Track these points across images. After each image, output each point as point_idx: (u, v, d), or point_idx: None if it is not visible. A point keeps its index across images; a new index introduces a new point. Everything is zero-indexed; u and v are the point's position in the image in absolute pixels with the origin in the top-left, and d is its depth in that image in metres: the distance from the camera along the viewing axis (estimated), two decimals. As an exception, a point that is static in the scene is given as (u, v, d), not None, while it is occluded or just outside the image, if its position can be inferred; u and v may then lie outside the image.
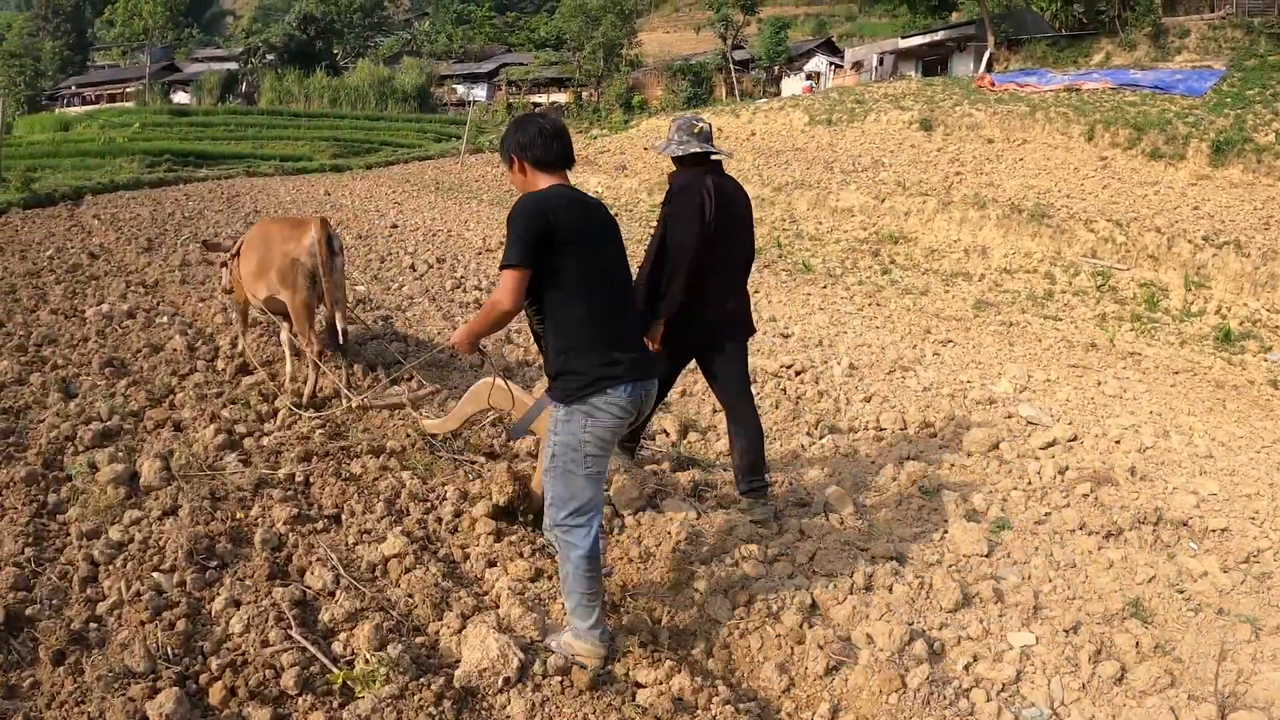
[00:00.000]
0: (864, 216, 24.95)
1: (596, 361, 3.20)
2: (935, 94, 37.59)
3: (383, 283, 10.91)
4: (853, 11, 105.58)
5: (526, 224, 3.11)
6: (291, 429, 5.46)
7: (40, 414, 5.45)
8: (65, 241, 13.49)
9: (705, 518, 4.90)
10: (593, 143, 41.17)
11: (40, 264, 11.12)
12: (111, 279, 10.20)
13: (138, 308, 8.51)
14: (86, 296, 9.11)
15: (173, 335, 7.42)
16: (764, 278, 17.71)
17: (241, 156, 34.16)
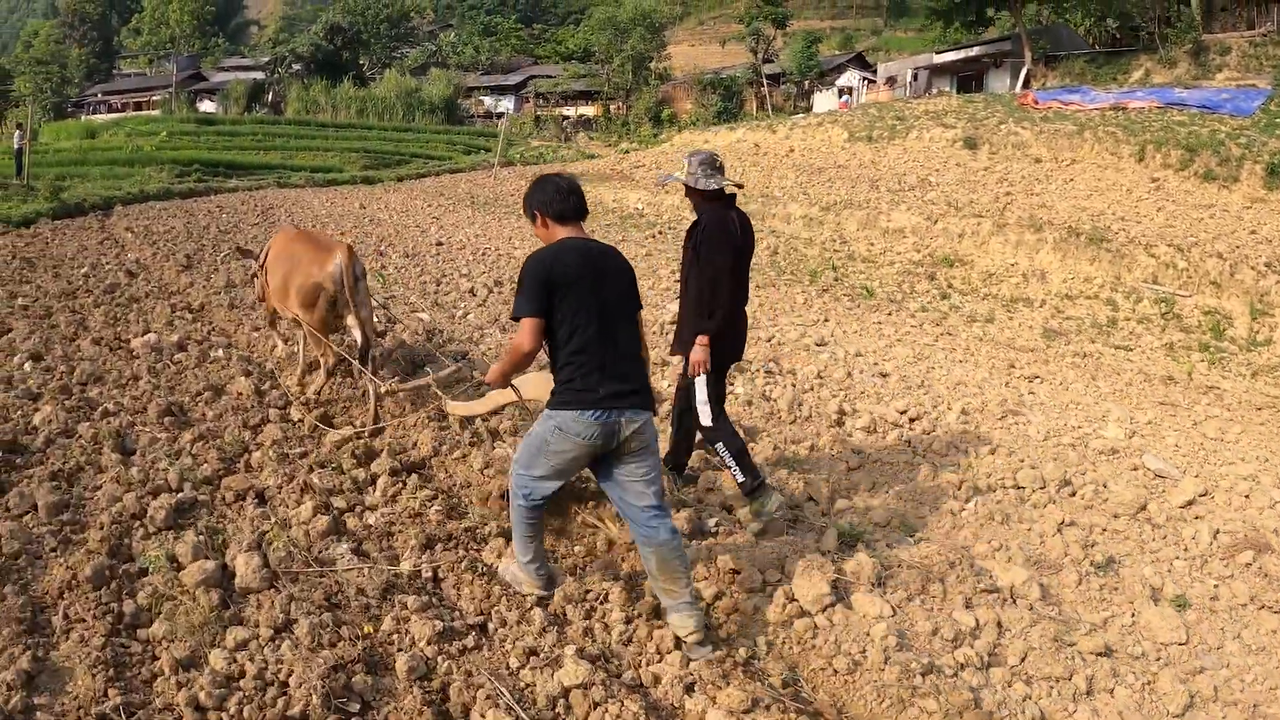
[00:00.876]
0: (916, 238, 24.16)
1: (577, 387, 3.59)
2: (977, 111, 36.72)
3: (444, 309, 10.09)
4: (878, 25, 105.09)
5: (531, 279, 3.57)
6: (398, 501, 4.59)
7: (95, 478, 4.64)
8: (99, 256, 12.75)
9: (902, 614, 4.15)
10: (625, 157, 40.42)
11: (75, 282, 10.35)
12: (154, 301, 9.41)
13: (188, 338, 7.71)
14: (129, 323, 8.32)
15: (234, 375, 6.61)
16: (826, 303, 16.95)
17: (271, 167, 33.57)
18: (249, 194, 25.50)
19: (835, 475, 6.33)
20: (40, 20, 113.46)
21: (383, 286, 11.32)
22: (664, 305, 12.03)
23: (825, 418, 7.56)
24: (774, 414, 7.62)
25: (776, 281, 18.74)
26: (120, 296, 9.50)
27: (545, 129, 55.83)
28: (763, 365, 9.34)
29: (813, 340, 11.71)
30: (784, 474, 6.08)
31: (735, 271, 4.88)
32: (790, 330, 12.50)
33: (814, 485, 5.85)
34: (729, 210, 4.98)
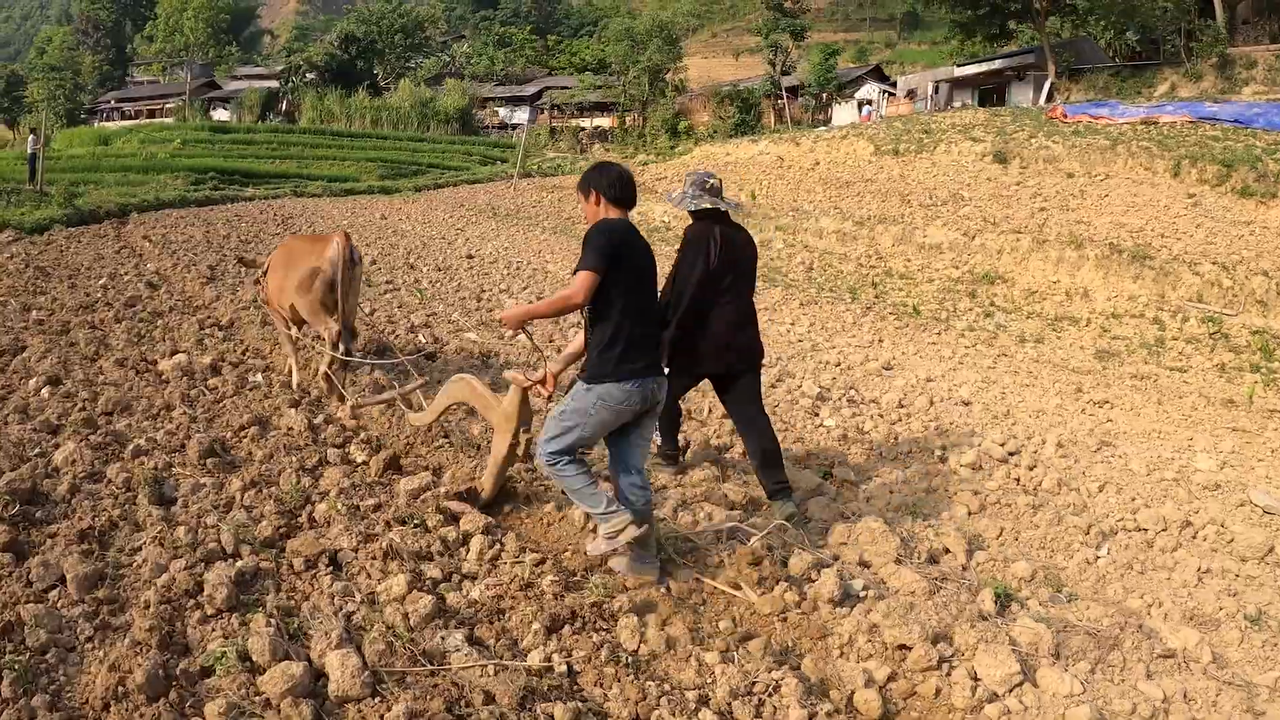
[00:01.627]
0: (954, 254, 23.55)
1: (619, 359, 3.87)
2: (1005, 124, 36.04)
3: (492, 329, 9.33)
4: (891, 38, 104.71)
5: (606, 240, 3.81)
6: (499, 566, 3.83)
7: (132, 537, 3.84)
8: (117, 266, 12.06)
9: (1092, 689, 3.68)
10: (645, 169, 39.73)
11: (94, 294, 9.66)
12: (179, 317, 8.70)
13: (221, 360, 6.98)
14: (155, 341, 7.61)
15: (279, 405, 5.89)
16: (874, 321, 16.30)
17: (287, 176, 32.97)
18: (266, 203, 24.85)
19: (958, 519, 5.82)
20: (54, 27, 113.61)
21: (421, 302, 10.59)
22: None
23: (928, 453, 7.06)
24: (874, 450, 7.09)
25: (818, 298, 18.06)
26: (142, 311, 8.78)
27: (560, 140, 55.27)
28: (844, 393, 8.69)
29: (879, 364, 11.16)
30: (911, 523, 5.53)
31: (710, 285, 5.04)
32: (852, 353, 11.91)
33: (945, 534, 5.34)
34: (715, 226, 5.15)
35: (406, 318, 9.46)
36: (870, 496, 6.05)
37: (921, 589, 4.35)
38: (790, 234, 23.96)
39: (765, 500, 5.27)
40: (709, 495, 5.31)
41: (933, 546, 5.09)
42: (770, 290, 17.84)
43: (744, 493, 5.46)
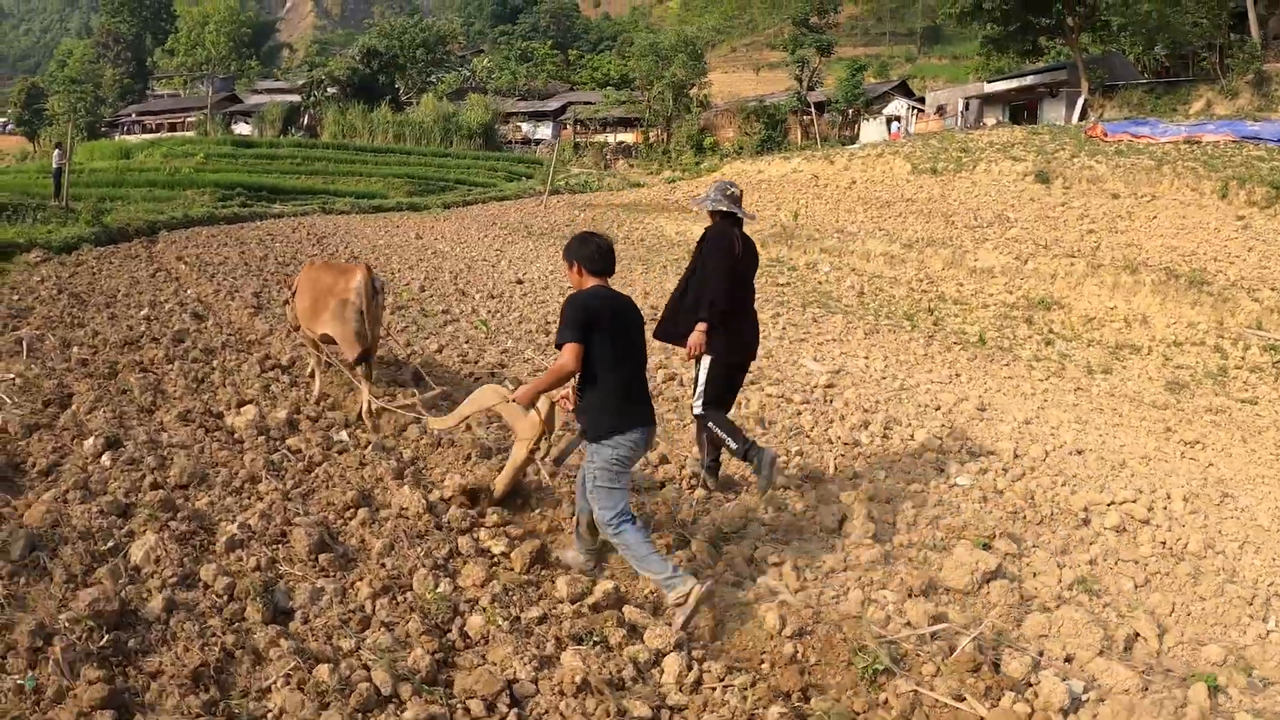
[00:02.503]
0: (1006, 279, 22.90)
1: (621, 411, 4.30)
2: (1045, 143, 35.32)
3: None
4: (912, 53, 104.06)
5: (578, 313, 4.24)
6: (700, 688, 3.06)
7: (259, 675, 3.04)
8: (155, 293, 11.33)
9: None
10: (674, 187, 39.01)
11: (137, 327, 8.91)
12: (234, 355, 7.95)
13: (296, 412, 6.23)
14: (215, 388, 6.85)
15: (381, 475, 5.13)
16: (940, 351, 15.60)
17: (314, 192, 32.37)
18: (296, 220, 24.20)
19: (1127, 594, 5.46)
20: (74, 40, 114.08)
21: (487, 336, 9.81)
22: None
23: (1070, 516, 6.60)
24: (1018, 513, 6.53)
25: (878, 326, 17.26)
26: (193, 348, 8.02)
27: (584, 156, 54.69)
28: (959, 444, 8.00)
29: (972, 405, 10.53)
30: (1089, 601, 5.08)
31: (733, 277, 5.51)
32: (940, 391, 11.20)
33: (1132, 616, 4.98)
34: (734, 228, 5.60)
35: (479, 356, 8.68)
36: (1039, 572, 5.46)
37: (1134, 685, 4.08)
38: (836, 256, 23.18)
39: None
40: (886, 581, 4.61)
41: (1127, 633, 4.72)
42: (830, 317, 17.08)
43: (924, 575, 4.77)
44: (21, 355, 7.31)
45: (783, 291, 19.57)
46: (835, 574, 4.89)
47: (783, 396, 8.99)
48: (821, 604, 4.44)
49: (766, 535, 5.33)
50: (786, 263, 22.44)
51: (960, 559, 4.99)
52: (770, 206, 29.95)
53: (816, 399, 9.24)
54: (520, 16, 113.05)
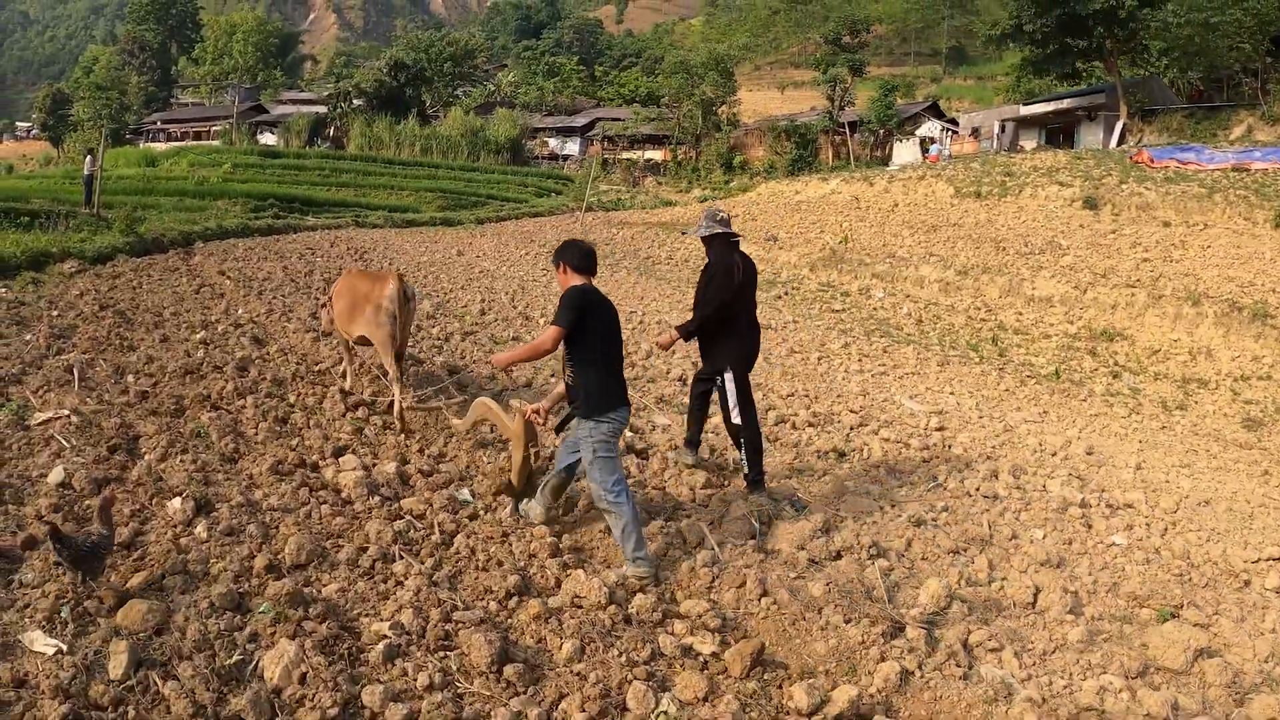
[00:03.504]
0: (1065, 308, 22.23)
1: (605, 393, 4.82)
2: (1090, 169, 34.52)
3: (674, 405, 7.78)
4: (937, 73, 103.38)
5: (573, 303, 4.77)
6: None
7: None
8: (204, 311, 10.61)
9: None
10: (708, 206, 38.29)
11: (194, 352, 8.16)
12: (310, 388, 7.25)
13: (404, 463, 5.46)
14: (300, 429, 6.10)
15: (535, 550, 4.36)
16: (1017, 385, 15.00)
17: (346, 204, 31.77)
18: (333, 234, 23.55)
19: None
20: (100, 46, 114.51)
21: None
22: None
23: (1231, 577, 6.20)
24: (1182, 576, 6.08)
25: (947, 357, 16.46)
26: (262, 379, 7.26)
27: (612, 173, 54.06)
28: (1095, 496, 7.61)
29: (1081, 450, 10.19)
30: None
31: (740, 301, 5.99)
32: (1043, 433, 10.62)
33: None
34: (733, 253, 6.06)
35: None
36: (1230, 644, 4.92)
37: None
38: (889, 282, 22.39)
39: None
40: (1105, 664, 3.87)
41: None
42: (900, 348, 16.31)
43: (1138, 654, 4.03)
44: (73, 386, 6.57)
45: (840, 318, 18.81)
46: (1050, 656, 4.48)
47: (901, 442, 8.34)
48: (1055, 694, 4.06)
49: (968, 613, 4.60)
50: (838, 288, 21.68)
51: (1170, 636, 4.70)
52: (813, 229, 29.16)
53: (935, 444, 8.56)
54: (544, 32, 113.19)
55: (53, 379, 6.65)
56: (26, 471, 4.79)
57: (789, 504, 5.91)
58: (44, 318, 9.69)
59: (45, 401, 6.10)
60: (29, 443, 5.24)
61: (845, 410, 9.45)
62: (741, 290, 6.01)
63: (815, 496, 6.33)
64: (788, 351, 13.31)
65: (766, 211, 33.33)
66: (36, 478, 4.69)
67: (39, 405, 6.01)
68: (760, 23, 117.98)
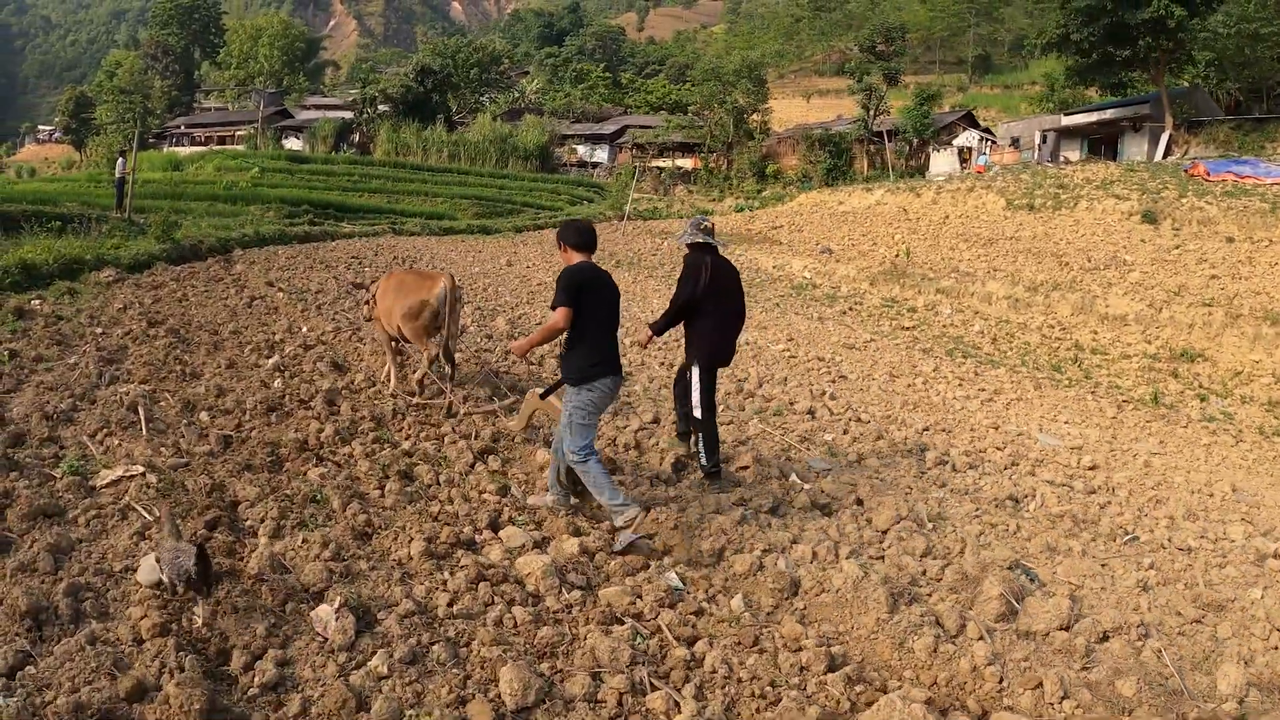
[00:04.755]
0: (1141, 327, 21.21)
1: (595, 361, 5.07)
2: (1145, 181, 33.33)
3: (770, 417, 6.80)
4: (963, 82, 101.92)
5: (571, 281, 5.03)
6: None
7: None
8: (265, 330, 9.66)
9: None
10: (753, 216, 37.17)
11: (270, 384, 7.16)
12: (423, 429, 6.25)
13: (575, 533, 4.45)
14: (432, 489, 5.11)
15: (807, 663, 3.29)
16: (1109, 409, 14.27)
17: (380, 211, 30.91)
18: (374, 241, 22.64)
19: None
20: (122, 51, 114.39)
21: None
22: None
23: None
24: None
25: (1039, 381, 15.41)
26: (359, 417, 6.24)
27: (642, 181, 53.14)
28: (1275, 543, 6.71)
29: (1224, 487, 9.24)
30: None
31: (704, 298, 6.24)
32: (1181, 468, 9.84)
33: None
34: (707, 256, 6.34)
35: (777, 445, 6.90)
36: None
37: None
38: (956, 298, 21.33)
39: None
40: None
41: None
42: (991, 370, 15.27)
43: None
44: (139, 427, 5.56)
45: (915, 336, 17.77)
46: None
47: (1064, 484, 7.55)
48: None
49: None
50: (904, 303, 20.64)
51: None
52: (864, 241, 28.11)
53: (1098, 487, 7.64)
54: (567, 39, 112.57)
55: (113, 419, 5.66)
56: (105, 562, 3.75)
57: (1023, 574, 4.97)
58: (88, 336, 8.73)
59: (108, 449, 5.10)
60: (100, 516, 4.21)
61: (990, 448, 8.50)
62: (716, 291, 6.21)
63: (1029, 557, 5.35)
64: (886, 375, 12.31)
65: (811, 222, 32.29)
66: (120, 572, 3.65)
67: (101, 456, 5.00)
68: (784, 30, 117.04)
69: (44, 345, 8.09)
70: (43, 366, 7.33)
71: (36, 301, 10.96)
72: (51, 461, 4.86)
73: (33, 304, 10.69)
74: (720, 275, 6.25)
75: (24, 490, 4.29)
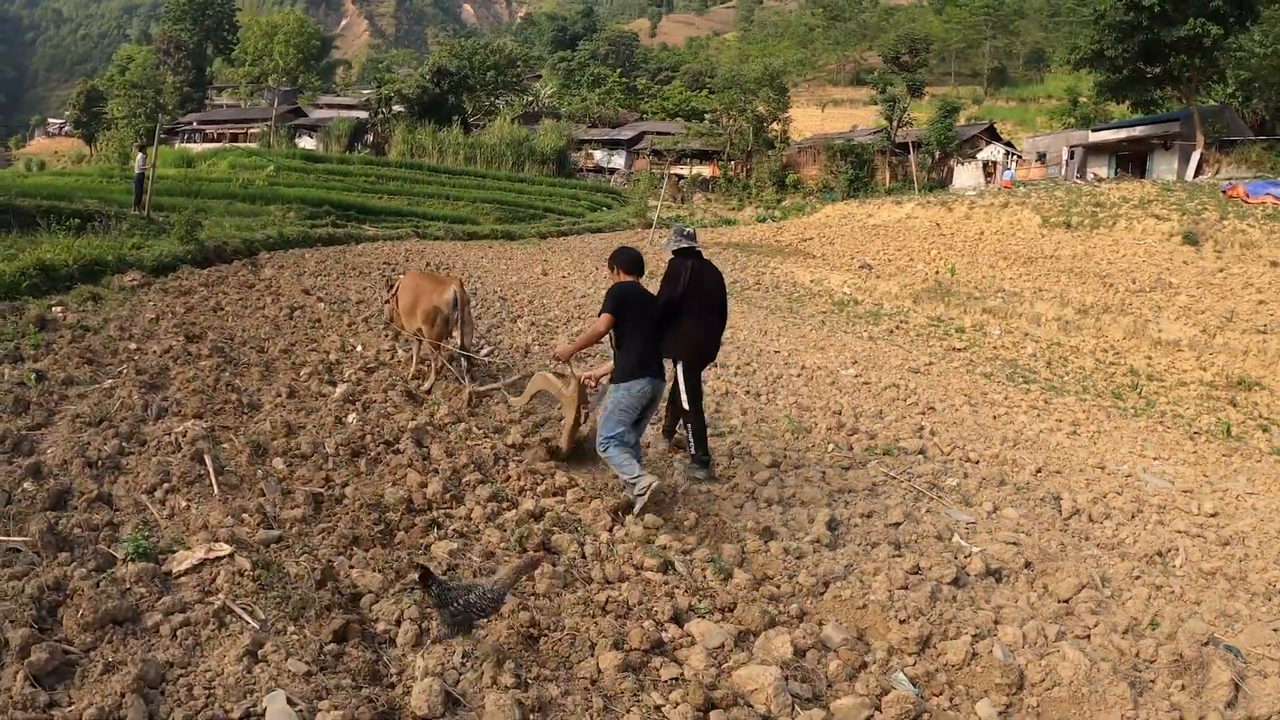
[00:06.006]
0: (1195, 353, 20.48)
1: (637, 366, 5.66)
2: (1183, 201, 32.54)
3: (919, 470, 6.05)
4: (978, 94, 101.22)
5: (615, 296, 5.73)
6: None
7: None
8: (311, 343, 8.93)
9: None
10: (780, 227, 36.38)
11: (344, 419, 6.38)
12: (533, 480, 5.51)
13: (769, 624, 3.67)
14: (583, 567, 4.30)
15: None
16: (1189, 445, 13.08)
17: (402, 213, 30.15)
18: (398, 245, 21.89)
19: None
20: (133, 45, 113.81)
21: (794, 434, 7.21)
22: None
23: None
24: None
25: (1109, 410, 14.62)
26: (461, 465, 5.47)
27: (660, 188, 52.43)
28: None
29: None
30: None
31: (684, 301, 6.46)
32: None
33: None
34: (688, 260, 6.62)
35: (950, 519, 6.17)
36: None
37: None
38: (1004, 319, 20.56)
39: None
40: None
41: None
42: (1059, 398, 14.50)
43: None
44: (208, 482, 4.74)
45: (970, 359, 17.00)
46: None
47: (1197, 535, 6.91)
48: None
49: None
50: (950, 323, 19.88)
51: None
52: (900, 256, 27.34)
53: (1230, 538, 7.11)
54: (580, 44, 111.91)
55: (174, 470, 4.79)
56: (214, 700, 2.84)
57: (1224, 648, 4.36)
58: (121, 353, 7.91)
59: (174, 513, 4.26)
60: (188, 623, 3.28)
61: (1109, 493, 7.81)
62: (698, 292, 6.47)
63: (1210, 625, 4.65)
64: (963, 403, 11.55)
65: (843, 235, 31.52)
66: (235, 710, 2.78)
67: (168, 524, 4.17)
68: (797, 39, 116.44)
69: (73, 364, 7.25)
70: (75, 392, 6.51)
71: (58, 309, 10.15)
72: (108, 534, 4.01)
73: (55, 311, 9.89)
74: (702, 279, 6.57)
75: (82, 582, 3.45)
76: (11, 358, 7.30)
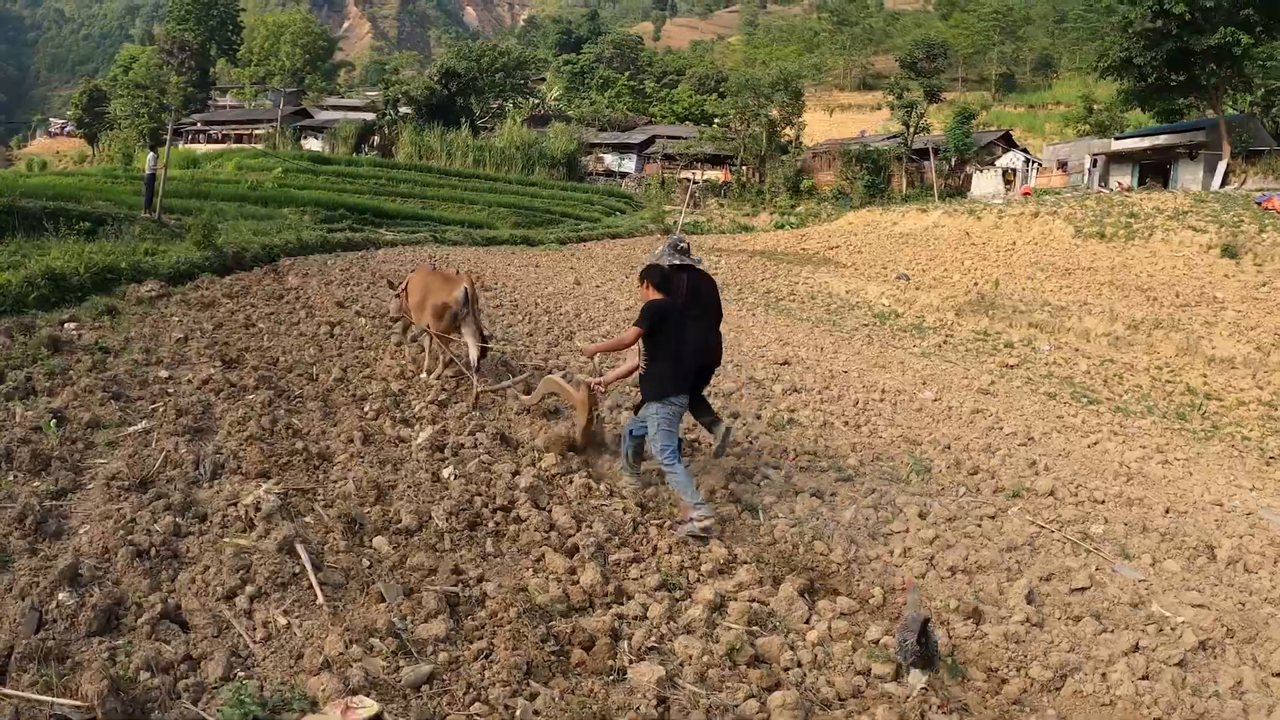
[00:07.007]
0: (1249, 370, 19.67)
1: (671, 382, 5.86)
2: (1218, 213, 31.72)
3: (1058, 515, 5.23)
4: (987, 100, 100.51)
5: (651, 312, 5.84)
6: None
7: None
8: (364, 368, 8.10)
9: None
10: (802, 234, 35.57)
11: (439, 474, 5.52)
12: (669, 545, 4.91)
13: None
14: (767, 661, 3.50)
15: None
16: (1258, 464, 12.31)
17: (418, 217, 29.32)
18: (420, 251, 21.05)
19: None
20: (136, 46, 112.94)
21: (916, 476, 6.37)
22: None
23: None
24: None
25: (1189, 436, 13.76)
26: (604, 540, 4.62)
27: (671, 192, 51.57)
28: None
29: None
30: None
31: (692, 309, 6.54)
32: None
33: None
34: (683, 274, 6.68)
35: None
36: None
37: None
38: (1051, 333, 19.74)
39: None
40: None
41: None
42: (1135, 420, 13.65)
43: None
44: (307, 583, 3.69)
45: (1026, 376, 16.17)
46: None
47: None
48: None
49: None
50: (998, 337, 19.05)
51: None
52: (935, 266, 26.51)
53: None
54: (584, 47, 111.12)
55: (258, 570, 3.76)
56: None
57: None
58: (151, 383, 6.90)
59: (270, 636, 3.30)
60: None
61: (1241, 534, 7.01)
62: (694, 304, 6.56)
63: None
64: (1053, 429, 10.72)
65: (870, 243, 30.68)
66: None
67: (265, 653, 3.21)
68: (803, 44, 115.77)
69: (97, 400, 6.24)
70: (102, 438, 5.49)
71: (72, 326, 9.20)
72: (192, 685, 2.97)
73: (68, 329, 8.93)
74: (699, 291, 6.75)
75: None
76: (23, 392, 6.32)
